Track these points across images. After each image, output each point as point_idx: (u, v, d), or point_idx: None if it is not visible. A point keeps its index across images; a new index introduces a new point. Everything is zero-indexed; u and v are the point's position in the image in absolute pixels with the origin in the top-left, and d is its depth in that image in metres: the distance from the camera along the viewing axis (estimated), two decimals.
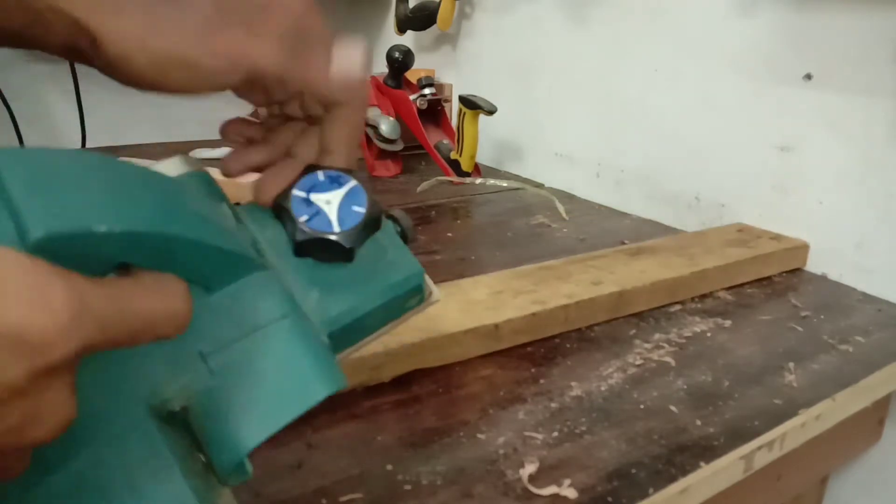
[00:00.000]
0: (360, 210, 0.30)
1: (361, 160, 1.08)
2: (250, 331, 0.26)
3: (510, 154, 1.11)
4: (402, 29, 1.26)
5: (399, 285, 0.31)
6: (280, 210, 0.29)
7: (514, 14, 1.05)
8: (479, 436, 0.40)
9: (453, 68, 1.22)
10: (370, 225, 0.30)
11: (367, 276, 0.30)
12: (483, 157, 1.10)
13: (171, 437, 0.23)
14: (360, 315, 0.30)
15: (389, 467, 0.37)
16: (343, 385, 0.26)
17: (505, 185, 0.95)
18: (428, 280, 0.34)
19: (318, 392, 0.26)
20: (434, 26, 1.16)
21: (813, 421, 0.44)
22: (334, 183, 0.30)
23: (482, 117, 0.93)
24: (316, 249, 0.29)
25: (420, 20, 1.20)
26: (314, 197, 0.30)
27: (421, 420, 0.41)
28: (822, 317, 0.58)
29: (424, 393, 0.44)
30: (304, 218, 0.29)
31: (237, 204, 0.30)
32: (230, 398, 0.24)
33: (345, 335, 0.30)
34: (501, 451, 0.38)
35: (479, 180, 0.97)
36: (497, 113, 0.93)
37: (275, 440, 0.38)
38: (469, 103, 0.93)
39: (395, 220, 0.34)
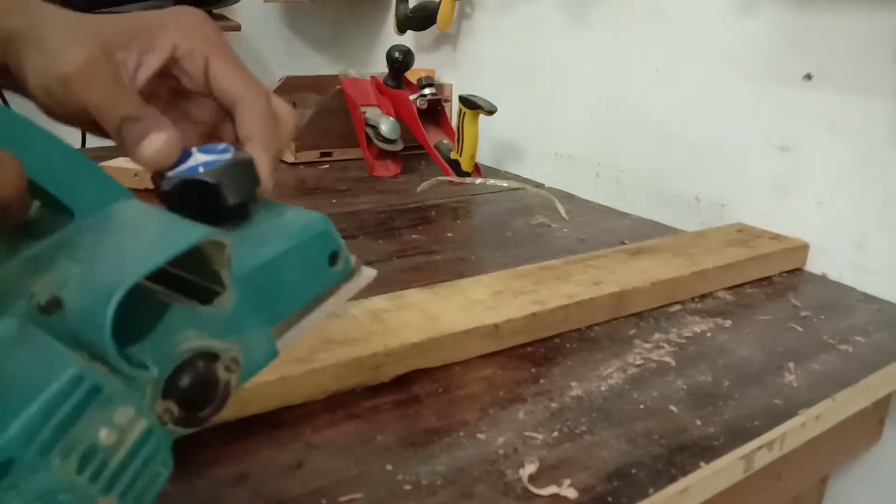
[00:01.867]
0: (227, 156, 0.30)
1: (361, 160, 1.08)
2: (118, 231, 0.26)
3: (510, 154, 1.11)
4: (402, 29, 1.26)
5: (301, 231, 0.30)
6: (153, 177, 0.30)
7: (514, 14, 1.05)
8: (479, 436, 0.40)
9: (453, 68, 1.22)
10: (239, 166, 0.29)
11: (263, 231, 0.30)
12: (483, 157, 1.10)
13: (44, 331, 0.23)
14: (265, 259, 0.28)
15: (389, 467, 0.37)
16: (205, 236, 0.25)
17: (505, 185, 0.95)
18: (351, 255, 0.33)
19: (186, 237, 0.24)
20: (434, 26, 1.16)
21: (813, 421, 0.44)
22: (207, 151, 0.30)
23: (482, 117, 0.93)
24: (187, 200, 0.28)
25: (420, 20, 1.20)
26: (186, 160, 0.30)
27: (421, 420, 0.41)
28: (822, 317, 0.58)
29: (424, 393, 0.44)
30: (170, 173, 0.29)
31: None
32: (96, 269, 0.23)
33: (262, 291, 0.28)
34: (501, 451, 0.38)
35: (479, 180, 0.97)
36: (497, 113, 0.93)
37: (275, 440, 0.38)
38: (469, 103, 0.93)
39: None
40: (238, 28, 1.43)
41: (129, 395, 0.22)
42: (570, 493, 0.35)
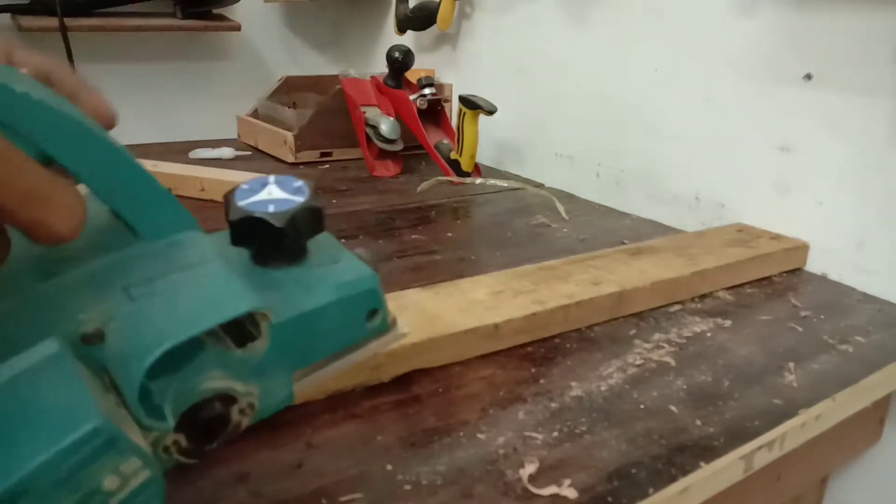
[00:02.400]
0: (299, 199, 0.29)
1: (361, 160, 1.08)
2: (175, 270, 0.27)
3: (510, 154, 1.11)
4: (402, 29, 1.26)
5: (349, 285, 0.30)
6: (225, 199, 0.29)
7: (514, 14, 1.05)
8: (479, 436, 0.40)
9: (453, 68, 1.22)
10: (307, 213, 0.29)
11: (314, 277, 0.30)
12: (483, 157, 1.10)
13: (84, 365, 0.24)
14: (306, 310, 0.29)
15: (389, 467, 0.37)
16: (253, 307, 0.26)
17: (505, 185, 0.95)
18: (391, 310, 0.33)
19: (233, 307, 0.25)
20: (434, 26, 1.16)
21: (813, 421, 0.44)
22: (283, 184, 0.30)
23: (482, 117, 0.93)
24: (250, 233, 0.28)
25: (420, 20, 1.20)
26: (260, 191, 0.30)
27: (421, 420, 0.41)
28: (822, 317, 0.58)
29: (424, 393, 0.44)
30: (241, 202, 0.29)
31: None
32: (144, 316, 0.25)
33: (296, 339, 0.29)
34: (501, 451, 0.38)
35: (479, 180, 0.97)
36: (497, 113, 0.93)
37: (275, 440, 0.38)
38: (469, 103, 0.93)
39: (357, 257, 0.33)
40: (238, 28, 1.43)
41: (138, 448, 0.23)
42: (570, 493, 0.35)
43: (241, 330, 0.27)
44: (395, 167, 1.06)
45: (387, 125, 1.01)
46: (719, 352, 0.51)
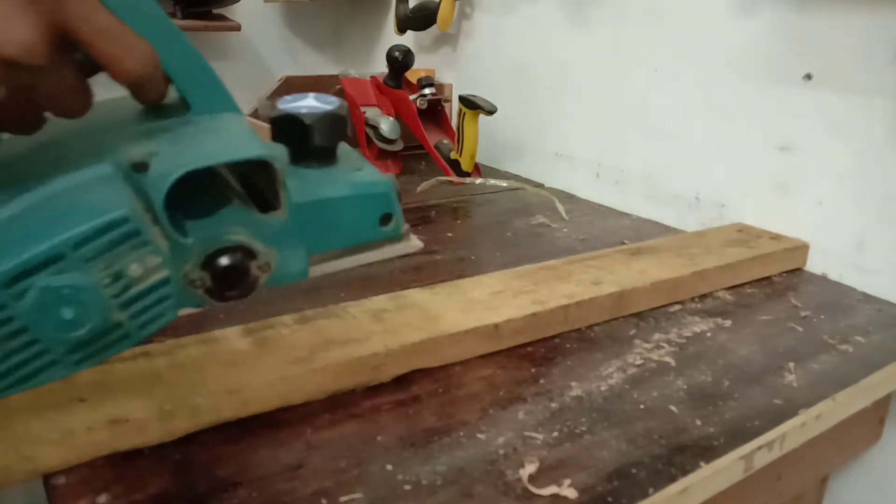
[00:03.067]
0: (328, 107, 0.35)
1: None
2: (212, 131, 0.32)
3: (510, 154, 1.11)
4: (402, 29, 1.26)
5: (365, 186, 0.36)
6: (269, 104, 0.37)
7: (514, 14, 1.05)
8: (479, 436, 0.40)
9: (453, 68, 1.22)
10: (332, 118, 0.35)
11: (336, 175, 0.36)
12: (483, 157, 1.10)
13: (130, 188, 0.29)
14: (322, 197, 0.34)
15: (389, 467, 0.37)
16: (259, 154, 0.30)
17: (505, 185, 0.95)
18: (404, 224, 0.38)
19: (246, 150, 0.30)
20: (434, 26, 1.16)
21: (813, 421, 0.44)
22: (319, 98, 0.36)
23: (482, 117, 0.93)
24: (285, 129, 0.34)
25: (420, 20, 1.20)
26: (299, 100, 0.36)
27: (421, 420, 0.41)
28: (822, 317, 0.58)
29: (424, 393, 0.44)
30: (281, 105, 0.35)
31: None
32: (178, 152, 0.30)
33: (313, 222, 0.34)
34: (501, 451, 0.38)
35: (479, 180, 0.97)
36: (497, 113, 0.93)
37: (275, 440, 0.38)
38: (469, 103, 0.93)
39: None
40: (238, 28, 1.43)
41: (162, 249, 0.29)
42: (570, 493, 0.35)
43: (267, 201, 0.32)
44: (395, 167, 1.05)
45: (387, 125, 1.01)
46: (719, 352, 0.51)
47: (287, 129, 0.34)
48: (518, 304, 0.51)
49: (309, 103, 0.36)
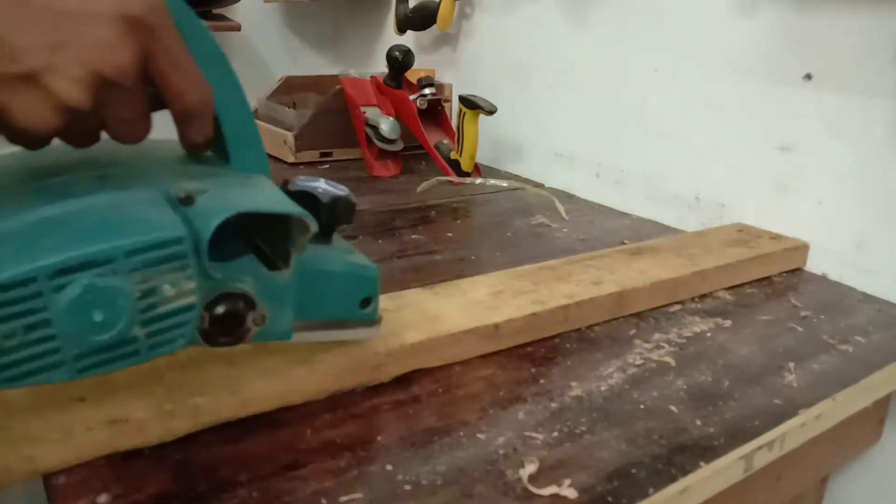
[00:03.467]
0: (342, 192, 0.39)
1: (361, 160, 1.08)
2: (250, 185, 0.35)
3: (510, 154, 1.11)
4: (402, 29, 1.26)
5: (357, 267, 0.39)
6: (284, 181, 0.39)
7: (514, 14, 1.05)
8: (479, 436, 0.40)
9: (453, 68, 1.22)
10: (344, 202, 0.39)
11: (334, 253, 0.39)
12: (483, 157, 1.10)
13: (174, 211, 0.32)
14: (320, 269, 0.37)
15: (389, 467, 0.37)
16: (304, 213, 0.34)
17: (505, 185, 0.95)
18: (379, 313, 0.42)
19: (288, 208, 0.33)
20: (434, 26, 1.16)
21: (813, 421, 0.44)
22: (332, 185, 0.40)
23: (482, 117, 0.93)
24: (302, 204, 0.36)
25: (420, 20, 1.20)
26: (313, 182, 0.39)
27: (421, 420, 0.41)
28: (822, 317, 0.58)
29: (424, 393, 0.44)
30: (300, 182, 0.39)
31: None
32: (226, 196, 0.33)
33: (307, 289, 0.36)
34: (501, 451, 0.38)
35: (479, 180, 0.97)
36: (497, 113, 0.93)
37: (275, 440, 0.38)
38: (469, 103, 0.93)
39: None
40: (238, 28, 1.43)
41: (196, 276, 0.31)
42: (570, 493, 0.35)
43: (273, 259, 0.35)
44: (395, 167, 1.06)
45: (387, 125, 1.01)
46: (719, 352, 0.51)
47: (301, 203, 0.36)
48: (518, 304, 0.51)
49: (323, 186, 0.39)
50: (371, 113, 1.04)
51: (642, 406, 0.44)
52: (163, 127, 0.36)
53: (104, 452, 0.36)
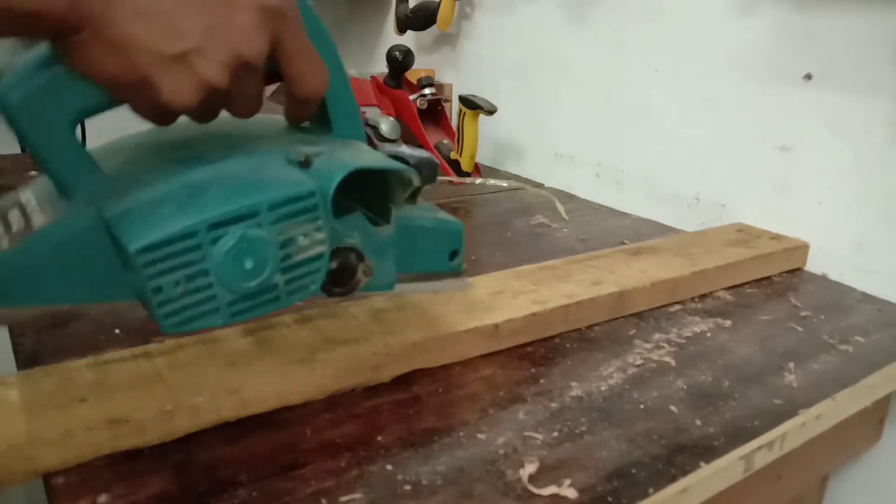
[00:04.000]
0: (426, 155, 0.44)
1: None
2: (354, 147, 0.38)
3: (510, 154, 1.11)
4: (402, 29, 1.26)
5: (445, 223, 0.42)
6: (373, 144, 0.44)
7: (514, 14, 1.05)
8: (479, 436, 0.40)
9: (453, 68, 1.22)
10: (429, 164, 0.45)
11: (423, 210, 0.42)
12: (483, 157, 1.10)
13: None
14: (415, 224, 0.40)
15: (389, 467, 0.37)
16: (408, 169, 0.37)
17: (505, 185, 0.95)
18: (464, 263, 0.44)
19: (395, 164, 0.37)
20: (434, 26, 1.16)
21: (813, 421, 0.44)
22: (416, 150, 0.46)
23: (482, 117, 0.93)
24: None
25: (420, 20, 1.20)
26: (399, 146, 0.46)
27: (421, 420, 0.41)
28: (822, 317, 0.58)
29: (424, 393, 0.44)
30: (387, 148, 0.44)
31: None
32: (339, 157, 0.36)
33: (405, 243, 0.40)
34: (501, 451, 0.38)
35: (479, 180, 0.97)
36: (497, 113, 0.93)
37: (275, 440, 0.38)
38: (469, 103, 0.93)
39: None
40: None
41: (327, 227, 0.34)
42: (570, 493, 0.35)
43: (377, 215, 0.38)
44: None
45: (387, 125, 1.01)
46: (719, 352, 0.51)
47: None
48: (518, 304, 0.51)
49: (407, 150, 0.45)
50: (371, 113, 1.04)
51: (642, 406, 0.44)
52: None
53: (104, 452, 0.36)
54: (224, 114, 0.35)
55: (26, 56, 0.31)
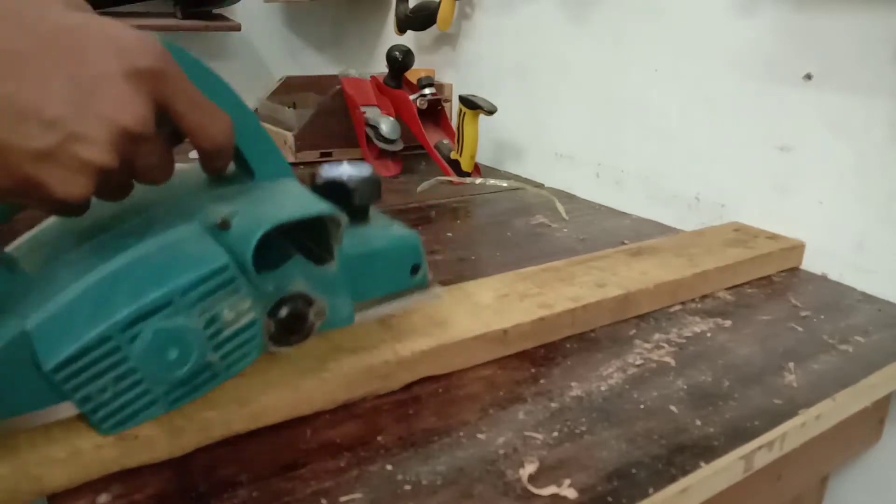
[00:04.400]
0: (365, 173, 0.41)
1: (361, 160, 1.08)
2: (279, 193, 0.37)
3: (510, 154, 1.11)
4: (402, 29, 1.26)
5: (399, 239, 0.41)
6: (311, 176, 0.41)
7: (514, 14, 1.05)
8: (479, 436, 0.40)
9: (453, 68, 1.22)
10: (370, 181, 0.41)
11: (373, 231, 0.41)
12: (483, 157, 1.10)
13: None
14: (365, 251, 0.39)
15: (389, 467, 0.37)
16: (332, 211, 0.35)
17: (505, 185, 0.95)
18: (429, 274, 0.43)
19: (316, 208, 0.35)
20: (434, 26, 1.16)
21: (813, 421, 0.44)
22: (355, 166, 0.42)
23: (482, 117, 0.93)
24: (330, 193, 0.39)
25: (420, 20, 1.20)
26: (337, 168, 0.41)
27: (421, 420, 0.41)
28: (822, 317, 0.58)
29: (424, 393, 0.44)
30: (325, 174, 0.41)
31: None
32: (258, 212, 0.34)
33: (357, 272, 0.39)
34: (501, 451, 0.38)
35: (479, 180, 0.97)
36: (497, 113, 0.93)
37: (275, 440, 0.38)
38: (469, 103, 0.93)
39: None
40: (238, 28, 1.43)
41: (250, 293, 0.33)
42: (570, 493, 0.35)
43: (318, 255, 0.37)
44: (395, 167, 1.06)
45: (387, 125, 1.01)
46: (719, 352, 0.51)
47: (331, 192, 0.39)
48: (525, 308, 0.51)
49: (347, 170, 0.41)
50: (371, 113, 1.04)
51: (642, 406, 0.44)
52: None
53: (112, 470, 0.35)
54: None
55: None
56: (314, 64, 1.68)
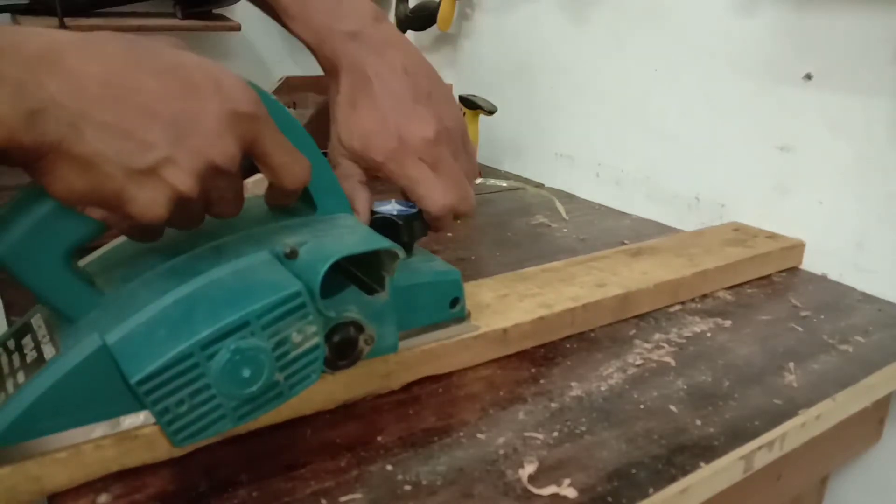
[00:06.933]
0: (412, 210, 0.45)
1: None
2: (340, 227, 0.41)
3: (510, 154, 1.11)
4: (402, 29, 1.26)
5: (441, 274, 0.44)
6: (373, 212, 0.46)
7: (514, 14, 1.05)
8: (479, 436, 0.40)
9: (453, 68, 1.22)
10: (417, 218, 0.45)
11: (417, 265, 0.44)
12: (483, 157, 1.10)
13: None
14: (411, 283, 0.42)
15: (389, 467, 0.37)
16: (392, 245, 0.39)
17: (505, 185, 0.95)
18: (467, 308, 0.46)
19: (379, 243, 0.38)
20: (434, 26, 1.16)
21: (813, 421, 0.44)
22: (403, 204, 0.46)
23: (482, 117, 0.93)
24: (380, 228, 0.42)
25: (420, 20, 1.20)
26: (387, 204, 0.46)
27: (421, 420, 0.41)
28: (822, 317, 0.58)
29: (424, 393, 0.44)
30: (376, 208, 0.46)
31: None
32: (324, 244, 0.38)
33: (403, 303, 0.41)
34: (501, 451, 0.38)
35: (479, 180, 0.97)
36: (497, 113, 0.93)
37: (275, 440, 0.38)
38: (469, 103, 0.93)
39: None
40: (238, 28, 1.42)
41: (316, 319, 0.35)
42: (570, 493, 0.35)
43: (369, 287, 0.40)
44: None
45: None
46: (719, 352, 0.51)
47: (382, 228, 0.43)
48: (525, 308, 0.51)
49: (396, 207, 0.46)
50: None
51: (642, 406, 0.44)
52: None
53: (113, 469, 0.35)
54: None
55: (6, 207, 0.32)
56: (314, 64, 1.68)
